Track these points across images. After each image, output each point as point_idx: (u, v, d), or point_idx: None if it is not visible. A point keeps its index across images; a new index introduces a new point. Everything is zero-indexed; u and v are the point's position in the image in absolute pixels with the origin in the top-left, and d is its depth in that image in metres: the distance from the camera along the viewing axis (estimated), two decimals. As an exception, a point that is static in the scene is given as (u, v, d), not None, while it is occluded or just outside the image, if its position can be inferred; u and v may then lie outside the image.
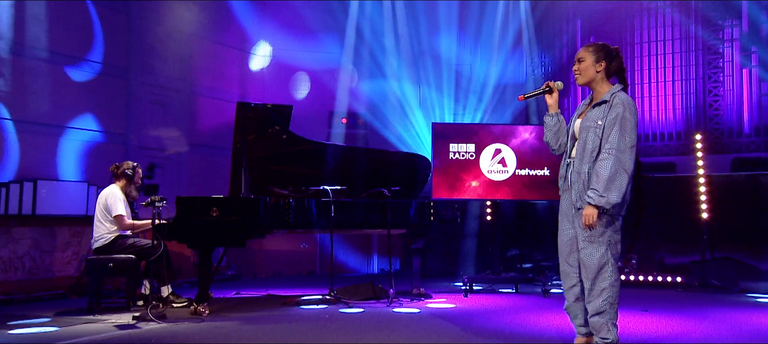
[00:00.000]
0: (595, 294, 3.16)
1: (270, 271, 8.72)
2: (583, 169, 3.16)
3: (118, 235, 5.41)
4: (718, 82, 8.44)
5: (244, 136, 5.27)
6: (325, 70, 9.47)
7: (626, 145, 3.06)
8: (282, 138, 5.53)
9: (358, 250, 9.22)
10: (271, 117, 5.44)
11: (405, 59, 9.32)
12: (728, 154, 8.12)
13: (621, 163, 3.04)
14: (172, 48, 8.36)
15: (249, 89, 9.41)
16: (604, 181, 3.03)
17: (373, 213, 5.63)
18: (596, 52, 3.26)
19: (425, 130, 9.12)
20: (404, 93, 9.36)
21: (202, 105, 8.83)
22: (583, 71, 3.28)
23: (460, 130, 6.50)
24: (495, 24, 9.29)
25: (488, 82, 9.17)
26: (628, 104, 3.13)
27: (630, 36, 9.01)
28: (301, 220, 5.26)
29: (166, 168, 8.18)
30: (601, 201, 3.03)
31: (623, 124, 3.08)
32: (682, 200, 7.18)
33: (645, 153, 8.75)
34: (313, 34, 9.38)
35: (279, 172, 5.73)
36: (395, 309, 5.20)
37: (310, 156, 5.74)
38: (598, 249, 3.10)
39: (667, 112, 8.75)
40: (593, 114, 3.21)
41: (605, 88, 3.25)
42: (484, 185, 6.38)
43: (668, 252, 7.32)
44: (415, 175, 6.13)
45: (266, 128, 5.49)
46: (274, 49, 9.53)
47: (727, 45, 8.38)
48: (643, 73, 8.92)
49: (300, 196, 5.49)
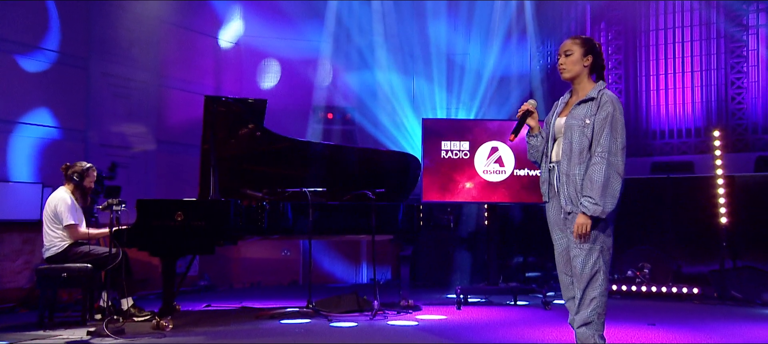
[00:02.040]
0: (585, 304, 3.24)
1: (248, 281, 8.73)
2: (573, 171, 3.24)
3: (73, 242, 5.42)
4: (741, 72, 8.48)
5: (214, 133, 5.29)
6: (306, 59, 9.48)
7: (618, 148, 3.18)
8: (256, 135, 5.55)
9: (346, 258, 9.23)
10: (243, 112, 5.45)
11: (392, 47, 9.35)
12: (752, 152, 8.18)
13: (614, 167, 3.16)
14: (137, 35, 8.36)
15: (224, 81, 9.42)
16: (599, 188, 3.13)
17: (357, 217, 5.65)
18: (584, 45, 3.35)
19: (415, 125, 9.13)
20: (392, 85, 9.40)
21: (172, 98, 8.83)
22: (570, 65, 3.35)
23: (453, 126, 6.51)
24: (492, 7, 9.33)
25: (484, 72, 9.21)
26: (616, 103, 3.24)
27: (645, 22, 9.06)
28: (277, 225, 5.28)
29: (130, 167, 8.18)
30: (596, 210, 3.13)
31: (614, 125, 3.19)
32: (701, 203, 7.22)
33: (661, 151, 8.80)
34: (293, 21, 9.39)
35: (253, 172, 5.75)
36: (380, 323, 5.22)
37: (286, 155, 5.76)
38: (591, 256, 3.20)
39: (685, 107, 8.80)
40: (579, 112, 3.28)
41: (590, 85, 3.34)
42: (479, 186, 6.40)
43: (685, 261, 7.36)
44: (403, 176, 6.14)
45: (238, 124, 5.51)
46: (252, 38, 9.53)
47: (751, 32, 8.43)
48: (658, 63, 8.97)
49: (276, 199, 5.51)
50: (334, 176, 5.91)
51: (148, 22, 8.44)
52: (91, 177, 5.63)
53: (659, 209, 7.53)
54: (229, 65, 9.57)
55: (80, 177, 5.54)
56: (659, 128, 8.89)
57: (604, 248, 3.22)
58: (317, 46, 9.42)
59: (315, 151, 5.85)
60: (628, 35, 9.16)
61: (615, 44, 9.26)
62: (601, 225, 3.20)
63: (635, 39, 9.12)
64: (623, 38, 9.19)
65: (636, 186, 7.86)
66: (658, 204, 7.57)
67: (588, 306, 3.23)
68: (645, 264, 7.23)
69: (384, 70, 9.42)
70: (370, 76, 9.52)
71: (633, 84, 9.12)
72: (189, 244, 4.96)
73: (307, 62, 9.47)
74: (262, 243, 8.45)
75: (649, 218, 7.63)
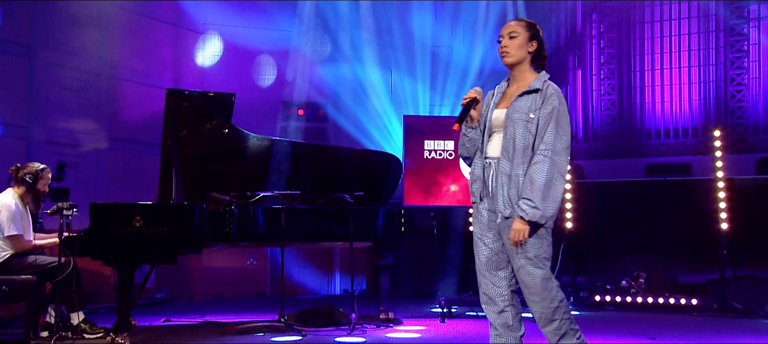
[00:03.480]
0: (547, 317, 3.18)
1: (210, 293, 8.65)
2: (515, 171, 3.14)
3: (16, 252, 5.29)
4: (741, 68, 8.62)
5: (176, 130, 5.25)
6: (278, 51, 9.44)
7: (562, 145, 3.13)
8: (223, 132, 5.51)
9: (318, 268, 9.19)
10: (209, 107, 5.41)
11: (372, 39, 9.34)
12: (752, 153, 8.31)
13: (557, 167, 3.10)
14: (88, 22, 8.22)
15: (185, 73, 9.33)
16: (540, 190, 3.05)
17: (333, 223, 5.63)
18: (530, 28, 3.28)
19: (396, 123, 9.13)
20: (371, 79, 9.39)
21: (127, 91, 8.73)
22: (514, 49, 3.26)
23: (437, 123, 6.53)
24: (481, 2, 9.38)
25: (470, 66, 9.23)
26: (561, 97, 3.20)
27: (639, 13, 9.16)
28: (246, 231, 5.24)
29: (80, 168, 8.07)
30: (535, 214, 3.05)
31: (559, 121, 3.13)
32: (699, 208, 7.31)
33: (656, 152, 8.90)
34: (263, 8, 9.35)
35: (219, 173, 5.71)
36: (357, 339, 5.20)
37: (257, 154, 5.73)
38: (539, 265, 3.13)
39: (682, 104, 8.92)
40: (522, 104, 3.19)
41: (532, 75, 3.28)
42: (465, 190, 6.41)
43: (682, 270, 7.45)
44: (383, 178, 6.15)
45: (203, 121, 5.47)
46: (216, 26, 9.45)
47: (752, 24, 8.56)
48: (653, 57, 9.07)
49: (245, 203, 5.47)
50: (308, 178, 5.89)
51: (99, 6, 8.30)
52: (45, 179, 5.49)
53: (655, 214, 7.61)
54: (190, 56, 9.48)
55: (33, 179, 5.39)
56: (654, 127, 9.00)
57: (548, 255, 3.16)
58: (289, 36, 9.38)
59: (288, 151, 5.82)
60: (622, 27, 9.25)
61: (607, 37, 9.35)
62: (541, 232, 3.13)
63: (629, 31, 9.21)
64: (616, 31, 9.28)
65: (630, 189, 7.96)
66: (653, 208, 7.66)
67: (552, 318, 3.18)
68: (640, 274, 7.31)
69: (363, 63, 9.41)
70: (347, 70, 9.51)
71: (626, 80, 9.21)
72: (149, 253, 4.87)
73: (278, 53, 9.42)
74: (225, 251, 8.37)
75: (644, 224, 7.71)
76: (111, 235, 4.81)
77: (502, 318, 3.25)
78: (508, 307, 3.25)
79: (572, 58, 9.52)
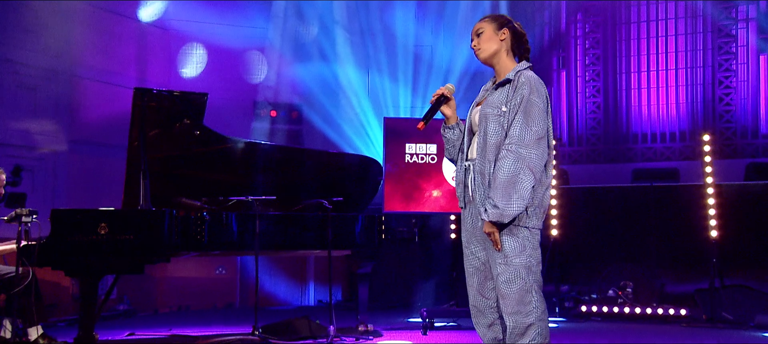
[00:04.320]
0: (518, 332, 3.05)
1: (175, 305, 8.57)
2: (486, 168, 3.10)
3: (-29, 261, 5.19)
4: (730, 71, 8.76)
5: (144, 131, 5.17)
6: (250, 49, 9.39)
7: (531, 138, 3.02)
8: (194, 134, 5.45)
9: (290, 277, 9.14)
10: (179, 107, 5.35)
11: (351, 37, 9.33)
12: (741, 158, 8.45)
13: (524, 161, 2.99)
14: (45, 16, 8.10)
15: (150, 72, 9.24)
16: (502, 187, 2.97)
17: (311, 230, 5.60)
18: (496, 19, 3.30)
19: (376, 126, 9.15)
20: (349, 79, 9.39)
21: (88, 91, 8.61)
22: (484, 43, 3.27)
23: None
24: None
25: (453, 67, 9.28)
26: (534, 83, 3.12)
27: (625, 13, 9.27)
28: (219, 240, 5.19)
29: (37, 171, 7.95)
30: (495, 214, 2.97)
31: (528, 110, 3.05)
32: (688, 214, 7.41)
33: (643, 156, 9.00)
34: (235, 3, 9.30)
35: (190, 177, 5.66)
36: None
37: (229, 157, 5.68)
38: (518, 274, 3.03)
39: (669, 108, 9.04)
40: (495, 98, 3.17)
41: (510, 65, 3.26)
42: (448, 195, 6.42)
43: (670, 279, 7.54)
44: (362, 183, 6.13)
45: (173, 121, 5.40)
46: (184, 22, 9.36)
47: (741, 26, 8.71)
48: (640, 58, 9.18)
49: (217, 209, 5.43)
50: (284, 183, 5.86)
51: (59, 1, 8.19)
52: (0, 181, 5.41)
53: (642, 221, 7.70)
54: (155, 53, 9.38)
55: (-10, 180, 5.33)
56: (641, 131, 9.10)
57: (533, 263, 3.05)
58: (263, 33, 9.33)
59: (263, 154, 5.78)
60: (607, 27, 9.36)
61: (592, 38, 9.45)
62: (525, 234, 3.05)
63: (615, 32, 9.32)
64: (602, 31, 9.39)
65: (616, 195, 8.03)
66: (640, 215, 7.75)
67: (523, 334, 3.03)
68: (627, 283, 7.38)
69: (341, 62, 9.40)
70: (324, 69, 9.49)
71: (612, 82, 9.31)
72: (115, 262, 4.81)
73: (251, 52, 9.37)
74: (193, 259, 8.29)
75: (631, 231, 7.79)
76: (74, 244, 4.73)
77: (493, 331, 3.21)
78: (498, 320, 3.20)
79: (556, 59, 9.61)
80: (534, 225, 3.09)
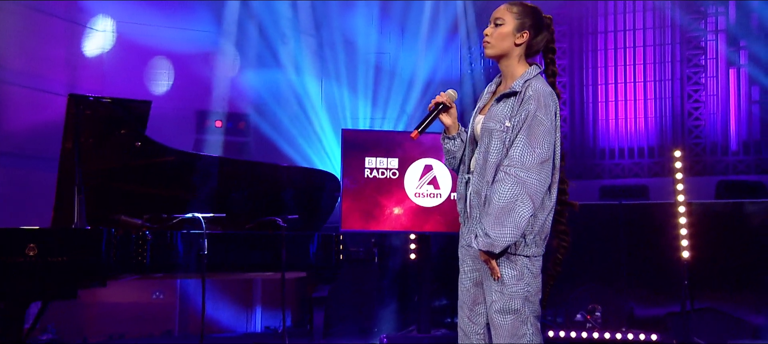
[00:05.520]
0: None
1: (107, 333, 8.33)
2: (482, 189, 3.00)
3: None
4: (699, 84, 8.95)
5: (79, 141, 5.04)
6: (196, 53, 9.28)
7: (534, 160, 2.90)
8: (135, 145, 5.36)
9: (235, 301, 8.99)
10: (119, 116, 5.25)
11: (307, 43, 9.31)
12: (711, 175, 8.61)
13: (523, 186, 2.88)
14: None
15: (82, 77, 9.04)
16: (495, 214, 2.86)
17: (263, 250, 5.52)
18: (522, 15, 3.08)
19: (332, 138, 9.10)
20: (305, 88, 9.34)
21: (12, 96, 8.40)
22: (496, 40, 3.08)
23: (380, 139, 6.52)
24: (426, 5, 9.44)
25: (417, 78, 9.31)
26: (544, 98, 2.97)
27: (592, 23, 9.41)
28: (163, 261, 5.09)
29: (-47, 186, 7.71)
30: (485, 243, 2.87)
31: (532, 129, 2.92)
32: (658, 234, 7.49)
33: (610, 173, 9.12)
34: (178, 4, 9.21)
35: (130, 192, 5.55)
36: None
37: (174, 171, 5.60)
38: (513, 304, 2.96)
39: (637, 122, 9.19)
40: (499, 111, 3.03)
41: (520, 70, 3.08)
42: (409, 213, 6.43)
43: (639, 302, 7.61)
44: (318, 199, 6.09)
45: (112, 132, 5.30)
46: (120, 23, 9.20)
47: (710, 37, 8.91)
48: (607, 70, 9.32)
49: (161, 227, 5.31)
50: (235, 199, 5.81)
51: (-21, -3, 7.99)
52: None
53: (610, 241, 7.76)
54: (88, 57, 9.19)
55: None
56: (608, 146, 9.23)
57: (530, 293, 2.96)
58: (212, 37, 9.24)
59: (212, 167, 5.71)
60: (574, 37, 9.49)
61: (558, 47, 9.53)
62: (523, 263, 2.96)
63: (582, 42, 9.45)
64: (568, 40, 9.51)
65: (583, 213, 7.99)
66: (609, 235, 7.80)
67: None
68: (596, 307, 7.44)
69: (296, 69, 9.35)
70: (277, 77, 9.43)
71: (579, 94, 9.44)
72: (45, 287, 4.65)
73: (195, 56, 9.25)
74: (126, 283, 8.10)
75: (599, 251, 7.84)
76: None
77: None
78: None
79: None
80: (533, 253, 3.00)
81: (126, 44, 9.25)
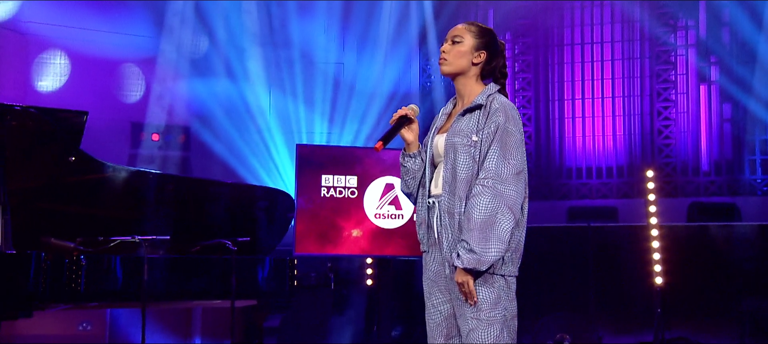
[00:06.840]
0: None
1: (26, 370, 8.09)
2: (458, 208, 3.04)
3: None
4: (669, 100, 9.11)
5: (4, 155, 4.86)
6: (133, 59, 9.19)
7: (509, 172, 2.99)
8: (68, 160, 5.18)
9: (172, 332, 8.81)
10: (49, 128, 5.08)
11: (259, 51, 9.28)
12: (682, 197, 8.76)
13: (503, 199, 2.96)
14: None
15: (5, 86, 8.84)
16: (479, 228, 2.92)
17: (209, 275, 5.42)
18: (480, 35, 3.21)
19: (285, 154, 9.09)
20: (254, 100, 9.32)
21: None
22: (453, 57, 3.20)
23: (337, 155, 6.52)
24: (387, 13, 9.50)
25: (378, 90, 9.35)
26: (510, 110, 3.10)
27: (558, 35, 9.52)
28: (98, 288, 4.94)
29: None
30: (471, 260, 2.91)
31: (504, 141, 3.03)
32: (628, 259, 7.58)
33: (578, 193, 9.20)
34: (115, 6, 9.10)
35: (62, 212, 5.40)
36: None
37: (112, 189, 5.47)
38: (491, 329, 2.98)
39: (606, 139, 9.31)
40: (463, 125, 3.13)
41: (477, 89, 3.21)
42: (369, 235, 6.43)
43: (609, 330, 7.66)
44: (270, 220, 6.02)
45: (41, 145, 5.13)
46: (49, 27, 9.04)
47: (680, 52, 9.08)
48: (574, 85, 9.43)
49: (96, 251, 5.15)
50: (179, 219, 5.70)
51: None
52: None
53: (579, 265, 7.81)
54: (11, 63, 8.96)
55: None
56: (576, 165, 9.32)
57: (508, 317, 3.02)
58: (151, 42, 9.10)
59: (153, 185, 5.60)
60: (539, 50, 9.58)
61: (523, 60, 9.65)
62: (500, 284, 3.01)
63: (547, 54, 9.55)
64: (533, 53, 9.60)
65: (551, 236, 8.12)
66: (577, 259, 7.85)
67: None
68: (564, 336, 7.46)
69: (244, 79, 9.31)
70: (223, 87, 9.38)
71: (544, 109, 9.52)
72: (-36, 317, 4.49)
73: (132, 63, 9.08)
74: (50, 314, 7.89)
75: (568, 277, 7.89)
76: None
77: None
78: None
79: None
80: (510, 272, 3.04)
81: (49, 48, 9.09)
